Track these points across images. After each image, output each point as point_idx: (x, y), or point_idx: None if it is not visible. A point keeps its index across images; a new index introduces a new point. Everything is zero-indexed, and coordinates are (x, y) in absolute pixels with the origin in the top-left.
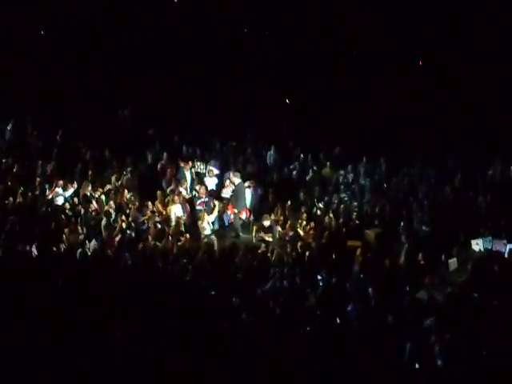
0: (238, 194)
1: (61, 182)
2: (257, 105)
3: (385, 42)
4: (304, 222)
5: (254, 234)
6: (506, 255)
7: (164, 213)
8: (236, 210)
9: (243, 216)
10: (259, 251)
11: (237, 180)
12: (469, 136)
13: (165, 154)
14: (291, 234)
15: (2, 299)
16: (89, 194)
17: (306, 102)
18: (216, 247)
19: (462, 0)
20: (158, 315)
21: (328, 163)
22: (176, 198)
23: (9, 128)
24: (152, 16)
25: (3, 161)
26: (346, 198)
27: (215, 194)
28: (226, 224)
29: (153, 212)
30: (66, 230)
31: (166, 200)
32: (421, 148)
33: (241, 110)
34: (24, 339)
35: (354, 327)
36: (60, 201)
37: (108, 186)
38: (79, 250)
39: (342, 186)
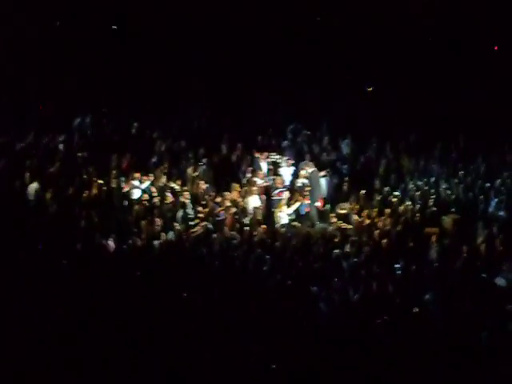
0: (312, 183)
1: (137, 175)
2: (332, 93)
3: (459, 29)
4: (380, 210)
5: (330, 222)
6: None
7: (241, 203)
8: (311, 199)
9: (319, 205)
10: (336, 240)
11: (310, 169)
12: None
13: (239, 145)
14: (368, 222)
15: (81, 292)
16: (165, 185)
17: (382, 89)
18: (293, 237)
19: None
20: (235, 306)
21: (405, 152)
22: (252, 188)
23: (86, 121)
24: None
25: (79, 154)
26: (422, 185)
27: (292, 184)
28: (303, 213)
29: (230, 203)
30: (142, 222)
31: (243, 191)
32: (498, 134)
33: (316, 99)
34: (100, 330)
35: (432, 315)
36: (136, 193)
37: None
38: (156, 242)
39: (418, 173)
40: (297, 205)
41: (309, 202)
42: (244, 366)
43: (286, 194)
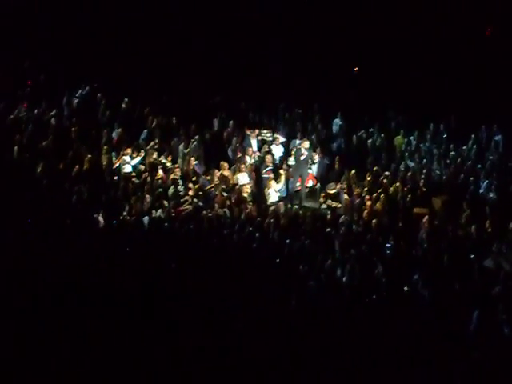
0: (306, 160)
1: (128, 150)
2: (324, 72)
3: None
4: (371, 190)
5: (321, 201)
6: None
7: (230, 181)
8: (302, 178)
9: (309, 184)
10: (326, 219)
11: (306, 146)
12: None
13: (231, 122)
14: (358, 201)
15: (71, 266)
16: (155, 161)
17: (373, 68)
18: (283, 215)
19: None
20: (224, 283)
21: (401, 131)
22: (242, 166)
23: (77, 95)
24: None
25: (72, 129)
26: (413, 165)
27: (282, 162)
28: (293, 191)
29: (220, 180)
30: (132, 198)
31: (233, 168)
32: (488, 115)
33: (307, 77)
34: (92, 307)
35: (420, 295)
36: (127, 169)
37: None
38: (145, 218)
39: (408, 153)
40: (286, 183)
41: (299, 180)
42: (230, 344)
43: (276, 172)
